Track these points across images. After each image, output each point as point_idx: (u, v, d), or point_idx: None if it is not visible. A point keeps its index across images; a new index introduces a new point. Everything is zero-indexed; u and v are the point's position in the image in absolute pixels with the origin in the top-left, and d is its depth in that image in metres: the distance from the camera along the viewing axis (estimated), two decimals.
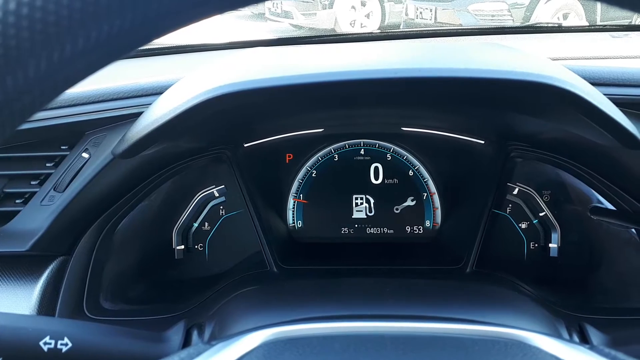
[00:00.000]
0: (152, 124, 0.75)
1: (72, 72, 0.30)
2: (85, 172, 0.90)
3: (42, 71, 0.27)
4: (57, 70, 0.28)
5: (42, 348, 0.55)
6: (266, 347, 0.49)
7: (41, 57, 0.27)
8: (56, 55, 0.27)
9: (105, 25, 0.27)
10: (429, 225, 1.22)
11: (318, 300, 0.78)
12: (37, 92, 0.30)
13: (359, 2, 6.30)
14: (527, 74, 0.68)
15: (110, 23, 0.27)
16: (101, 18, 0.27)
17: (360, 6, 6.31)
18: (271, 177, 1.21)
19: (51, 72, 0.28)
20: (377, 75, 0.65)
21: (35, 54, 0.27)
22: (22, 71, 0.28)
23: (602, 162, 0.94)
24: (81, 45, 0.28)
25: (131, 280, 1.04)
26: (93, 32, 0.27)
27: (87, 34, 0.27)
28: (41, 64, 0.27)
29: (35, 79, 0.28)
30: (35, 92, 0.29)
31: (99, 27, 0.27)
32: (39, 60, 0.27)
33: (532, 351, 0.48)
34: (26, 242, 0.87)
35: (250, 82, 0.67)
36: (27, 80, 0.28)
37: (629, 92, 0.87)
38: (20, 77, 0.28)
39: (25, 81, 0.28)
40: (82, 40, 0.28)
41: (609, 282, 0.99)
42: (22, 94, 0.29)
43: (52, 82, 0.29)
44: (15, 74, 0.28)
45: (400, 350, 0.49)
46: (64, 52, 0.28)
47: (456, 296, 0.83)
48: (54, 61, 0.27)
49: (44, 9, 0.26)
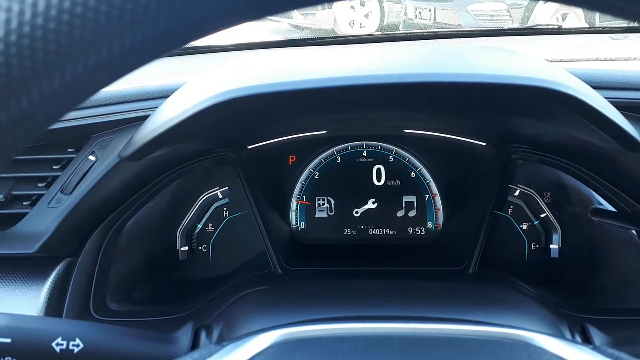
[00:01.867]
0: (159, 127, 0.76)
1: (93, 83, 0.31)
2: (92, 174, 0.91)
3: (76, 76, 0.28)
4: (87, 77, 0.29)
5: (54, 349, 0.55)
6: (276, 348, 0.50)
7: (81, 59, 0.28)
8: (86, 63, 0.28)
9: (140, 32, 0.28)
10: (431, 226, 1.23)
11: (324, 301, 0.79)
12: (61, 101, 0.31)
13: (357, 2, 6.30)
14: (528, 78, 0.69)
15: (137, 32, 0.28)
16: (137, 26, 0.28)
17: (359, 6, 6.31)
18: (274, 179, 1.22)
19: (82, 79, 0.29)
20: (382, 80, 0.66)
21: (62, 64, 0.28)
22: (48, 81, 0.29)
23: (602, 165, 0.95)
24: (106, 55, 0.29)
25: (136, 281, 1.05)
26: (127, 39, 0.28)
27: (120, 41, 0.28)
28: (78, 67, 0.28)
29: (60, 88, 0.29)
30: (60, 100, 0.30)
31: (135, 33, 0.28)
32: (65, 70, 0.28)
33: (537, 352, 0.49)
34: (34, 243, 0.88)
35: (257, 87, 0.68)
36: (53, 88, 0.29)
37: (629, 96, 0.88)
38: (46, 86, 0.29)
39: (52, 89, 0.29)
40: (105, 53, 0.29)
41: (609, 282, 1.01)
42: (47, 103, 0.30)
43: (83, 88, 0.30)
44: (41, 84, 0.29)
45: (408, 351, 0.50)
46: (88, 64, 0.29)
47: (460, 297, 0.84)
48: (90, 66, 0.28)
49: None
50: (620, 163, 0.88)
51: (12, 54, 0.27)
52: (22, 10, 0.27)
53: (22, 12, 0.27)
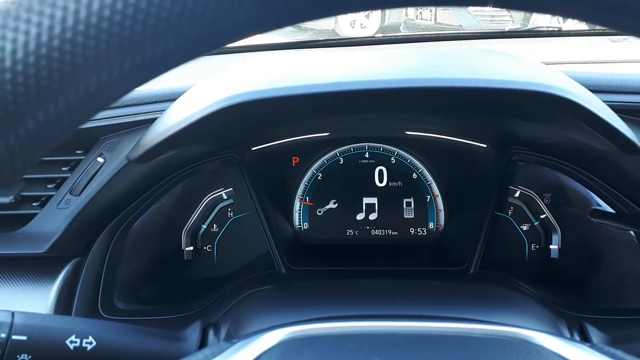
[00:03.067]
0: (168, 130, 0.78)
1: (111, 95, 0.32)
2: (101, 176, 0.93)
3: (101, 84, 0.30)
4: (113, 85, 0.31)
5: (68, 346, 0.57)
6: (285, 345, 0.52)
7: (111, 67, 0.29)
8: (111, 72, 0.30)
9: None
10: (432, 227, 1.25)
11: (328, 300, 0.80)
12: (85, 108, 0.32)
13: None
14: (527, 83, 0.71)
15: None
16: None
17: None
18: (278, 180, 1.24)
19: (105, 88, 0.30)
20: (386, 85, 0.67)
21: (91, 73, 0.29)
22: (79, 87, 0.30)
23: (601, 167, 0.96)
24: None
25: (143, 281, 1.07)
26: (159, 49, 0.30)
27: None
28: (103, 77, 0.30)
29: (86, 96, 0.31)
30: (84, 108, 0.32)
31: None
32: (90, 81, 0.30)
33: (536, 349, 0.51)
34: (44, 244, 0.89)
35: (266, 91, 0.70)
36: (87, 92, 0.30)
37: (627, 99, 0.90)
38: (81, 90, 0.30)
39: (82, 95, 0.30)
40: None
41: (608, 283, 1.02)
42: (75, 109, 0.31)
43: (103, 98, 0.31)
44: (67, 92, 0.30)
45: (412, 348, 0.51)
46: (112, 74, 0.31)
47: (461, 297, 0.85)
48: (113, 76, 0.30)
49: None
50: (618, 165, 0.89)
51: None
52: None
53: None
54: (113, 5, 0.28)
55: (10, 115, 0.29)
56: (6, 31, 0.28)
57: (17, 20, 0.28)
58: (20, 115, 0.29)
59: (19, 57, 0.28)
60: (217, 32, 0.30)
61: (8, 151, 0.30)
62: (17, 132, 0.29)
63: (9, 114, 0.29)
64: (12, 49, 0.28)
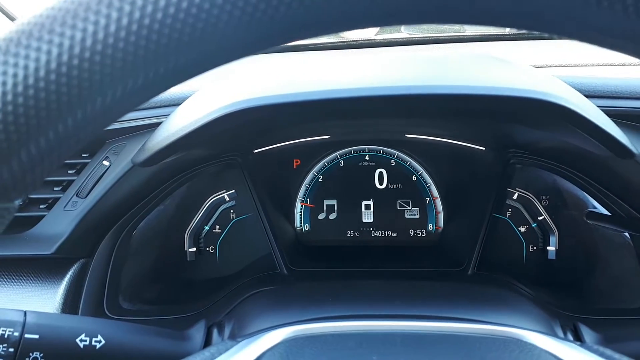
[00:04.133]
0: (173, 135, 0.80)
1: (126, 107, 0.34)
2: (106, 179, 0.94)
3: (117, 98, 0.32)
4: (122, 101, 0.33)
5: (78, 345, 0.59)
6: (288, 344, 0.54)
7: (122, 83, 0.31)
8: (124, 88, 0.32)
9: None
10: (431, 228, 1.26)
11: (330, 301, 0.82)
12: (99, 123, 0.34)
13: None
14: (524, 90, 0.73)
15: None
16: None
17: None
18: (279, 182, 1.26)
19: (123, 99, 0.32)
20: (387, 92, 0.69)
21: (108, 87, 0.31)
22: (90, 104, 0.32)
23: (597, 170, 0.98)
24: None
25: (147, 281, 1.09)
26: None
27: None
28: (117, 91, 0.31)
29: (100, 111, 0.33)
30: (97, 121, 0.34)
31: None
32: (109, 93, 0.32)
33: (528, 347, 0.53)
34: (51, 245, 0.91)
35: (270, 97, 0.72)
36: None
37: (621, 104, 0.91)
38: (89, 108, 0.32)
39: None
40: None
41: (603, 284, 1.04)
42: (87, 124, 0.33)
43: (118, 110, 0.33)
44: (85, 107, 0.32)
45: (409, 347, 0.53)
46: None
47: (459, 297, 0.87)
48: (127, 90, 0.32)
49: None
50: (613, 169, 0.91)
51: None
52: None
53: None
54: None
55: (35, 126, 0.31)
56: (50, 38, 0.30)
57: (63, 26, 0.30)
58: (50, 122, 0.31)
59: (65, 60, 0.30)
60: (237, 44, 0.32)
61: (30, 160, 0.32)
62: (46, 137, 0.31)
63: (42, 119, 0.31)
64: (58, 53, 0.30)
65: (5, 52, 0.30)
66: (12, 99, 0.30)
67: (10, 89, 0.30)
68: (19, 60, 0.30)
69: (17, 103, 0.30)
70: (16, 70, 0.30)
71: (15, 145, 0.31)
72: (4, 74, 0.30)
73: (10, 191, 0.33)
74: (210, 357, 0.50)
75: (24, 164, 0.32)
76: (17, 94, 0.30)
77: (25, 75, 0.30)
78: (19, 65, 0.30)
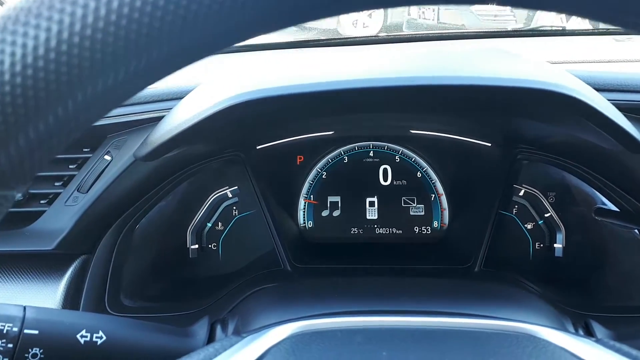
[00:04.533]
0: (175, 129, 0.78)
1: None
2: (108, 174, 0.93)
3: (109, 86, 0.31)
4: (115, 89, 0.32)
5: (79, 341, 0.58)
6: (294, 339, 0.52)
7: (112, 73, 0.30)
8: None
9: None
10: (437, 225, 1.25)
11: (335, 297, 0.81)
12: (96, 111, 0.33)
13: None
14: (532, 81, 0.71)
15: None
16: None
17: None
18: (283, 179, 1.25)
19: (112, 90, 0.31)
20: (394, 83, 0.68)
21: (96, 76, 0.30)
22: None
23: (606, 165, 0.97)
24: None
25: (149, 278, 1.08)
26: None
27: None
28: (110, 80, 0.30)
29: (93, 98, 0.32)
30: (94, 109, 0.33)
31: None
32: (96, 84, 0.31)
33: (542, 344, 0.51)
34: (52, 241, 0.90)
35: (271, 89, 0.71)
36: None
37: (632, 98, 0.90)
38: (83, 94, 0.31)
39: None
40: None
41: (612, 281, 1.02)
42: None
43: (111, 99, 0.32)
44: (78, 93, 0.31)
45: (421, 342, 0.52)
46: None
47: (466, 294, 0.86)
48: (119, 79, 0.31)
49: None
50: (623, 164, 0.90)
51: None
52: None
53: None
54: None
55: (32, 110, 0.29)
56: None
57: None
58: (44, 109, 0.30)
59: (65, 37, 0.29)
60: (226, 31, 0.31)
61: (20, 152, 0.31)
62: (38, 126, 0.30)
63: (30, 108, 0.29)
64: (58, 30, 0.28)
65: (3, 29, 0.29)
66: (10, 79, 0.29)
67: (8, 68, 0.29)
68: (16, 38, 0.29)
69: (14, 84, 0.29)
70: (14, 48, 0.29)
71: (13, 128, 0.30)
72: (1, 53, 0.29)
73: (9, 178, 0.32)
74: (215, 352, 0.49)
75: (21, 150, 0.31)
76: (14, 74, 0.29)
77: (24, 54, 0.29)
78: (16, 44, 0.29)
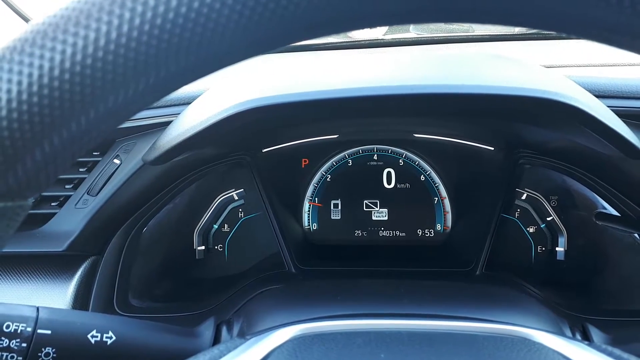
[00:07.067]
0: (184, 133, 0.80)
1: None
2: (117, 177, 0.95)
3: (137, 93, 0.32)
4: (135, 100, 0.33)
5: (89, 340, 0.60)
6: (296, 341, 0.54)
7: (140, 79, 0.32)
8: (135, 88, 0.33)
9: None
10: (439, 228, 1.26)
11: (338, 299, 0.83)
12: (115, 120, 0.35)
13: None
14: (535, 90, 0.73)
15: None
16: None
17: None
18: (288, 181, 1.26)
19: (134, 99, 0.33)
20: (398, 91, 0.70)
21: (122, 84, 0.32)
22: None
23: (606, 171, 0.97)
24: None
25: (156, 279, 1.10)
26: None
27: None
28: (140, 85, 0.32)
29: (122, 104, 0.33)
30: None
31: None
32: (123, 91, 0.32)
33: (536, 347, 0.53)
34: (62, 242, 0.93)
35: (280, 96, 0.72)
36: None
37: (631, 105, 0.91)
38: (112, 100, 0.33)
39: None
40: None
41: (612, 285, 1.03)
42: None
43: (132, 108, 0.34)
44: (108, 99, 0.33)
45: (417, 346, 0.54)
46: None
47: (467, 297, 0.87)
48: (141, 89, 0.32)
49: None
50: (623, 169, 0.91)
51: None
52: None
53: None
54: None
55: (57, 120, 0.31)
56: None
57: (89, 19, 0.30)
58: (65, 119, 0.31)
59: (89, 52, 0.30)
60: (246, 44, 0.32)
61: (43, 159, 0.33)
62: (61, 135, 0.32)
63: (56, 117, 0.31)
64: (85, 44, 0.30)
65: (21, 52, 0.31)
66: (27, 99, 0.31)
67: (26, 88, 0.31)
68: (34, 60, 0.31)
69: (31, 102, 0.31)
70: (31, 69, 0.31)
71: (30, 143, 0.32)
72: (19, 74, 0.31)
73: (24, 189, 0.34)
74: (220, 354, 0.51)
75: (37, 163, 0.33)
76: (31, 94, 0.31)
77: (40, 74, 0.31)
78: (33, 65, 0.31)
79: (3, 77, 0.30)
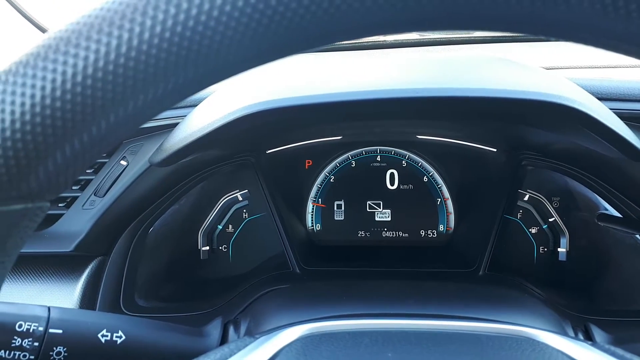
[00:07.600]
0: (190, 136, 0.81)
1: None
2: (124, 178, 0.96)
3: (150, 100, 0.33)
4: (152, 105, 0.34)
5: (100, 340, 0.61)
6: (304, 340, 0.55)
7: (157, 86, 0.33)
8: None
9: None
10: (442, 229, 1.27)
11: (343, 299, 0.84)
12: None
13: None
14: (537, 93, 0.73)
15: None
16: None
17: None
18: (292, 182, 1.27)
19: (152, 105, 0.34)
20: (402, 94, 0.71)
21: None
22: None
23: (608, 172, 0.98)
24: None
25: (162, 279, 1.11)
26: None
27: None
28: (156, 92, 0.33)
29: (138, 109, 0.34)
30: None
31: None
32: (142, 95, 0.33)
33: (540, 347, 0.54)
34: (70, 243, 0.93)
35: (286, 99, 0.73)
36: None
37: (634, 107, 0.92)
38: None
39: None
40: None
41: (614, 285, 1.04)
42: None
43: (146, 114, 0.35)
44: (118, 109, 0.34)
45: (423, 345, 0.55)
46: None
47: (470, 297, 0.88)
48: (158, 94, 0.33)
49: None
50: (625, 171, 0.92)
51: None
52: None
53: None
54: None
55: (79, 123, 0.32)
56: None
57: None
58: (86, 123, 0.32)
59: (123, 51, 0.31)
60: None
61: (64, 161, 0.34)
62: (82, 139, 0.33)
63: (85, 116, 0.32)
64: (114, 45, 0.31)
65: (45, 58, 0.32)
66: (51, 104, 0.32)
67: (49, 93, 0.32)
68: (57, 66, 0.32)
69: (55, 107, 0.32)
70: (54, 75, 0.32)
71: (52, 146, 0.33)
72: (43, 79, 0.32)
73: (45, 191, 0.35)
74: (229, 353, 0.52)
75: (59, 165, 0.34)
76: (55, 99, 0.32)
77: (63, 80, 0.32)
78: (57, 71, 0.32)
79: (27, 83, 0.31)
